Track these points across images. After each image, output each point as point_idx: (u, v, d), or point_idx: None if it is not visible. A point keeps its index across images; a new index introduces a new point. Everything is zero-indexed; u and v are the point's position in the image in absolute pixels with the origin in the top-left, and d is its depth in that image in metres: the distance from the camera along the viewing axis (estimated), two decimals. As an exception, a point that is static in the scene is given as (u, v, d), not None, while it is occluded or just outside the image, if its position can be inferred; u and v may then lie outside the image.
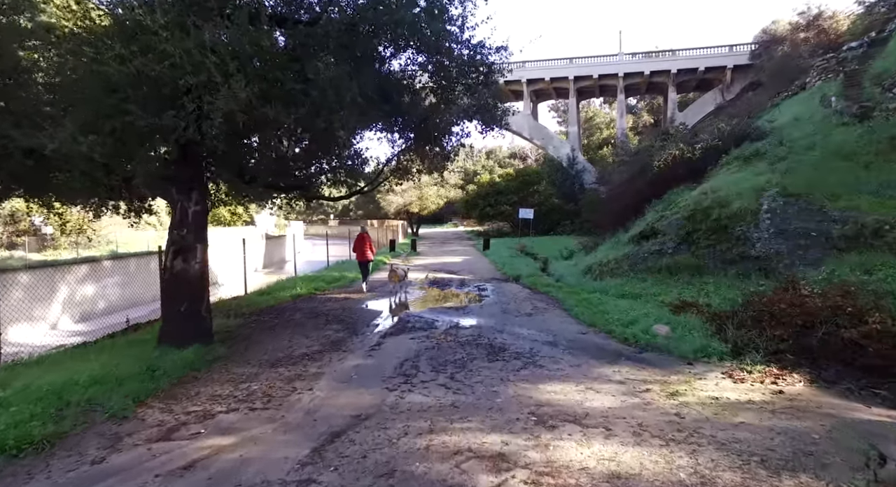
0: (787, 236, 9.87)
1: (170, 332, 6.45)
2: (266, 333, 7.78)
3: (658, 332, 6.62)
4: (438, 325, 8.15)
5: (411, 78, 8.32)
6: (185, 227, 6.71)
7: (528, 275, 14.14)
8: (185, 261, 6.68)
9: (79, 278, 11.43)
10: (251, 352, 6.56)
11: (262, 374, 5.53)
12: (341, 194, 10.70)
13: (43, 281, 10.08)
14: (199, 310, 6.71)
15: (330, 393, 4.88)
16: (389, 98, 7.67)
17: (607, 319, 7.81)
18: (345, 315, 9.23)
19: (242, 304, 10.54)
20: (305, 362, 6.05)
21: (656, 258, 11.81)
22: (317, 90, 6.24)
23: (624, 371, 5.38)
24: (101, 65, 5.61)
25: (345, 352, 6.50)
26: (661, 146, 16.85)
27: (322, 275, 15.41)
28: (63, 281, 10.95)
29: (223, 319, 8.66)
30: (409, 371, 5.57)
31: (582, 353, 6.18)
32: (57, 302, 10.73)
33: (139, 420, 4.11)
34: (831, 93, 14.01)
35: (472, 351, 6.36)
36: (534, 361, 5.86)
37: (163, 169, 6.50)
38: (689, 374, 5.15)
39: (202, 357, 6.03)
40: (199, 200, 6.87)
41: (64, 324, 10.66)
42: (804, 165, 11.18)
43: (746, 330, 6.33)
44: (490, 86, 8.41)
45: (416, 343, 6.91)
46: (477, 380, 5.15)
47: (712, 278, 10.17)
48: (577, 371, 5.45)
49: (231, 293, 12.63)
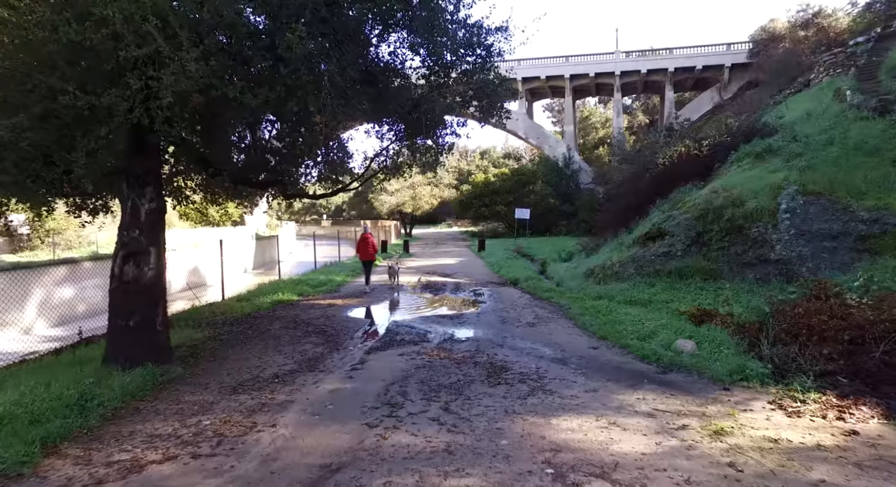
0: (809, 237, 9.11)
1: (117, 350, 5.52)
2: (236, 348, 6.86)
3: (682, 349, 5.79)
4: (431, 337, 7.27)
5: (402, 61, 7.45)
6: (137, 228, 5.78)
7: (527, 279, 13.32)
8: (138, 267, 5.75)
9: (56, 280, 10.63)
10: (213, 373, 5.64)
11: (220, 403, 4.62)
12: (325, 191, 9.80)
13: (15, 283, 9.19)
14: (154, 324, 5.78)
15: (297, 430, 3.99)
16: (375, 81, 6.79)
17: (620, 331, 6.98)
18: (327, 325, 8.32)
19: (217, 312, 9.60)
20: (274, 386, 5.14)
21: (664, 261, 11.01)
22: (288, 68, 5.36)
23: (650, 398, 4.54)
24: (28, 33, 4.70)
25: (322, 373, 5.60)
26: (666, 143, 16.09)
27: (307, 279, 14.49)
28: (38, 284, 10.20)
29: (190, 331, 7.74)
30: (396, 398, 4.69)
31: (597, 374, 5.33)
32: (31, 305, 9.98)
33: (39, 478, 3.18)
34: (845, 87, 13.32)
35: (469, 372, 5.49)
36: (542, 385, 5.00)
37: (109, 159, 5.58)
38: (730, 404, 4.31)
39: (152, 380, 5.10)
40: (154, 196, 5.94)
41: (39, 329, 9.84)
42: (824, 162, 10.44)
43: (783, 345, 5.52)
44: (488, 71, 7.55)
45: (404, 360, 6.03)
46: (476, 412, 4.29)
47: (728, 283, 9.38)
48: (595, 398, 4.60)
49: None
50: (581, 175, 37.47)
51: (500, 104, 7.59)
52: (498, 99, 7.38)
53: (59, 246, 26.69)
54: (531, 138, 41.85)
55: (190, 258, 17.31)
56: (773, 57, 28.97)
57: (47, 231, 26.42)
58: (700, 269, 10.10)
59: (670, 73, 38.11)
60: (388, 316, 9.34)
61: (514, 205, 30.67)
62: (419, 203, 43.18)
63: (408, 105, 6.87)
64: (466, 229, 50.22)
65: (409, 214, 44.39)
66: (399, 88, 7.16)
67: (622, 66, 38.72)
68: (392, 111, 7.05)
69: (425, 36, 6.60)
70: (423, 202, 43.42)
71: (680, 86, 41.36)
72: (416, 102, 6.88)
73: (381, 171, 9.66)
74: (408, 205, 42.80)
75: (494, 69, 7.24)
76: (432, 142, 8.61)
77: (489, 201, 36.99)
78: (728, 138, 14.15)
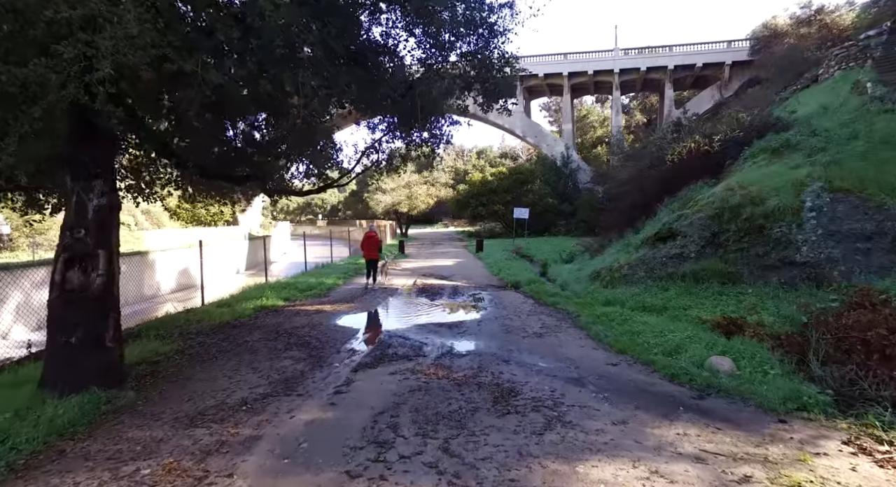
0: (839, 238, 8.37)
1: (56, 373, 4.67)
2: (205, 364, 6.01)
3: (718, 367, 5.01)
4: (427, 351, 6.46)
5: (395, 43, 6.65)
6: (83, 227, 4.94)
7: (529, 282, 12.54)
8: (84, 273, 4.91)
9: (35, 282, 9.85)
10: (171, 398, 4.80)
11: (170, 441, 3.79)
12: (311, 188, 8.99)
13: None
14: (102, 340, 4.93)
15: (259, 481, 3.17)
16: (364, 61, 5.98)
17: (640, 344, 6.20)
18: (312, 335, 7.49)
19: (193, 319, 8.75)
20: (240, 416, 4.31)
21: (677, 263, 10.26)
22: (261, 40, 4.54)
23: (693, 434, 3.75)
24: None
25: (299, 398, 4.77)
26: (674, 138, 15.34)
27: (296, 282, 13.64)
28: (16, 286, 9.53)
29: (157, 343, 6.88)
30: (385, 434, 3.87)
31: (622, 399, 4.54)
32: (7, 309, 9.39)
33: None
34: (865, 79, 12.63)
35: (472, 397, 4.68)
36: (559, 414, 4.20)
37: (48, 146, 4.74)
38: (795, 444, 3.52)
39: (92, 410, 4.26)
40: (105, 191, 5.09)
41: (17, 334, 9.12)
42: (850, 156, 9.71)
43: (836, 364, 4.75)
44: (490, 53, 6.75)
45: (397, 381, 5.21)
46: (483, 454, 3.48)
47: (750, 288, 8.64)
48: (626, 433, 3.80)
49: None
50: (580, 174, 36.76)
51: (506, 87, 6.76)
52: (504, 82, 6.56)
53: (41, 247, 25.66)
54: (529, 137, 41.10)
55: (180, 259, 16.47)
56: (777, 54, 28.46)
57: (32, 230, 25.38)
58: (717, 272, 9.35)
59: (670, 71, 37.49)
60: (380, 325, 8.51)
61: (512, 205, 29.92)
62: (415, 202, 42.30)
63: (401, 88, 6.05)
64: (463, 229, 49.40)
65: (405, 214, 43.51)
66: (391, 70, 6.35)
67: (621, 64, 38.05)
68: (383, 95, 6.22)
69: (419, 10, 5.78)
70: (419, 201, 42.54)
71: (679, 85, 40.76)
72: (409, 85, 6.07)
73: (374, 167, 8.86)
74: (403, 204, 41.91)
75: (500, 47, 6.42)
76: (428, 134, 7.82)
77: (487, 200, 36.18)
78: (740, 133, 13.42)
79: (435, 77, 6.23)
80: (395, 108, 6.69)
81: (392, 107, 6.66)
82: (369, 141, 8.70)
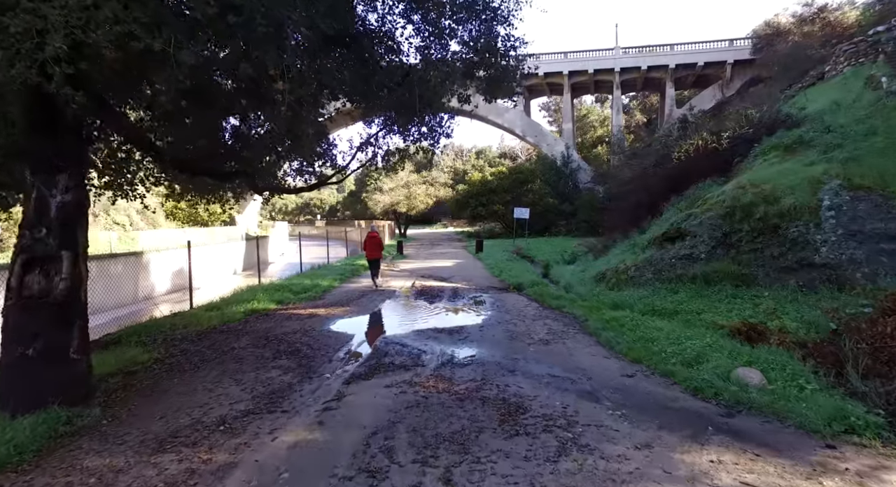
0: (861, 239, 7.93)
1: (10, 388, 4.17)
2: (184, 376, 5.53)
3: (747, 380, 4.54)
4: (426, 360, 5.99)
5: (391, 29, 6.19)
6: (44, 226, 4.45)
7: (532, 284, 12.08)
8: (45, 277, 4.42)
9: None
10: (141, 416, 4.32)
11: (130, 471, 3.30)
12: (303, 186, 8.52)
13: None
14: (65, 351, 4.44)
15: (229, 523, 2.70)
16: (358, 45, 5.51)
17: (656, 352, 5.73)
18: (303, 342, 7.01)
19: (179, 324, 8.24)
20: (216, 437, 3.83)
21: (686, 264, 9.82)
22: (241, 17, 4.07)
23: (729, 461, 3.28)
24: None
25: (284, 415, 4.30)
26: (680, 136, 14.90)
27: (291, 284, 13.13)
28: None
29: (136, 351, 6.39)
30: (378, 461, 3.40)
31: (643, 417, 4.07)
32: None
33: None
34: (880, 74, 12.20)
35: (475, 414, 4.21)
36: (574, 436, 3.73)
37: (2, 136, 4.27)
38: (853, 477, 3.05)
39: (47, 432, 3.77)
40: (70, 186, 4.60)
41: None
42: (869, 153, 9.27)
43: (880, 378, 4.30)
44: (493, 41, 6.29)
45: (393, 395, 4.74)
46: (491, 486, 3.01)
47: (766, 291, 8.19)
48: (652, 460, 3.34)
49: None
50: (580, 174, 36.33)
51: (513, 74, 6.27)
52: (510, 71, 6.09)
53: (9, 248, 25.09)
54: (528, 136, 40.66)
55: (175, 259, 16.00)
56: (780, 51, 28.14)
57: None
58: (730, 274, 8.90)
59: (671, 70, 37.12)
60: (376, 331, 8.04)
61: (512, 205, 29.46)
62: (414, 202, 41.81)
63: (397, 75, 5.58)
64: (462, 229, 48.91)
65: (404, 214, 43.02)
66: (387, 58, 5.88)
67: (622, 63, 37.65)
68: (379, 85, 5.75)
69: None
70: (417, 201, 42.05)
71: (680, 84, 40.37)
72: (406, 72, 5.60)
73: (370, 163, 8.40)
74: (402, 204, 41.42)
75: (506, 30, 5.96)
76: (427, 128, 7.36)
77: (486, 200, 35.70)
78: (749, 130, 12.99)
79: (434, 65, 5.76)
80: (392, 99, 6.22)
81: (388, 97, 6.19)
82: (365, 135, 8.25)
